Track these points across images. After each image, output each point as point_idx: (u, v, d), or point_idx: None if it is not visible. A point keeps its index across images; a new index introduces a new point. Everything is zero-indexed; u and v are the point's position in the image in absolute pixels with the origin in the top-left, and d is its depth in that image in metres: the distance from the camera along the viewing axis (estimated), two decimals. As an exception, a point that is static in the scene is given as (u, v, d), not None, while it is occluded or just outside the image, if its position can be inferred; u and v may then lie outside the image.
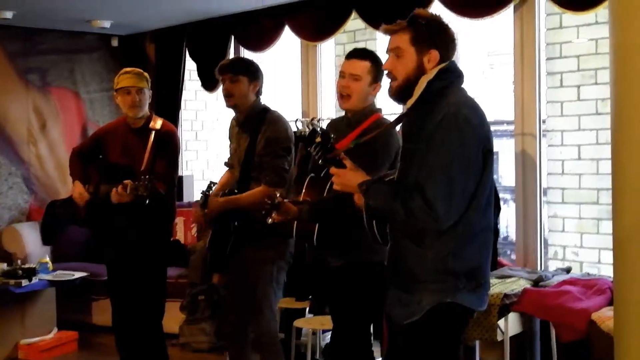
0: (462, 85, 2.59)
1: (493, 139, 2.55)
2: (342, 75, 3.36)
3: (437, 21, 2.59)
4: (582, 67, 4.74)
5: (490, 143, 2.51)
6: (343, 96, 3.35)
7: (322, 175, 3.30)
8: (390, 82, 2.62)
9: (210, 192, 3.88)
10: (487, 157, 2.48)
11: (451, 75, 2.55)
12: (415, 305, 2.50)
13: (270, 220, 3.39)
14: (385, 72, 2.63)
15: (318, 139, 2.64)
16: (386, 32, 2.63)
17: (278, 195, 3.37)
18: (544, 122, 4.83)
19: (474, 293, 2.52)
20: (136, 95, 4.15)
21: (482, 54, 11.03)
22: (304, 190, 3.40)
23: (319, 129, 2.91)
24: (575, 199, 4.78)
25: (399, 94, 2.59)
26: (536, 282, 4.20)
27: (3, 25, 6.32)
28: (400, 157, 2.64)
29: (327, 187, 3.27)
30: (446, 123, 2.41)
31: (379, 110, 3.45)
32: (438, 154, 2.40)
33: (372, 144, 2.85)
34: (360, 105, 3.34)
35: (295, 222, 3.41)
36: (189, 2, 5.80)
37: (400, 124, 2.70)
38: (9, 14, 5.95)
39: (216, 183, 3.96)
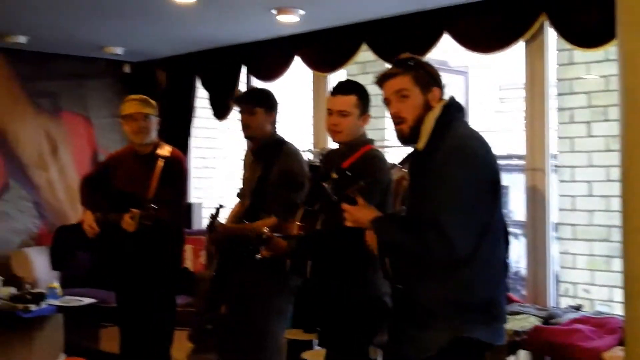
0: (465, 119, 2.64)
1: (500, 171, 2.58)
2: (329, 112, 3.38)
3: (424, 62, 2.68)
4: (592, 104, 4.77)
5: (497, 174, 2.54)
6: (333, 132, 3.38)
7: (315, 207, 3.32)
8: (398, 126, 2.63)
9: (218, 214, 3.88)
10: (495, 188, 2.51)
11: (454, 110, 2.60)
12: (429, 340, 2.50)
13: (259, 256, 3.40)
14: (393, 117, 2.65)
15: (334, 175, 2.67)
16: (384, 78, 2.66)
17: (266, 230, 3.37)
18: (555, 157, 4.83)
19: (490, 327, 2.52)
20: (142, 121, 4.17)
21: (493, 87, 11.03)
22: (297, 222, 3.40)
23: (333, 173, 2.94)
24: (587, 235, 4.77)
25: (410, 136, 2.62)
26: (546, 320, 4.18)
27: (17, 49, 6.38)
28: (410, 193, 2.65)
29: (320, 220, 3.29)
30: (454, 156, 2.45)
31: (370, 141, 3.45)
32: (448, 186, 2.42)
33: (372, 181, 2.91)
34: (351, 137, 3.36)
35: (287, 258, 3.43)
36: (200, 32, 5.85)
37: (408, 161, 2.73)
38: (23, 39, 6.01)
39: (224, 206, 3.96)
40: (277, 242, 3.37)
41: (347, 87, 3.39)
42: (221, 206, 3.92)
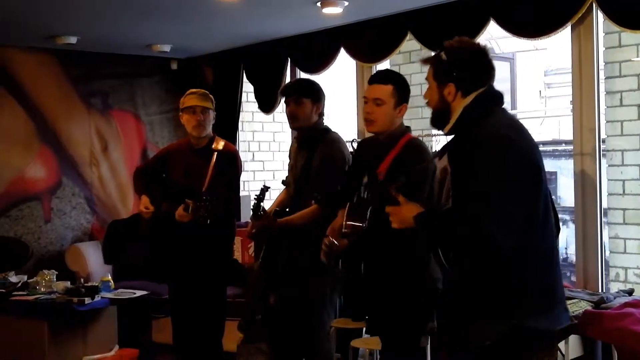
0: (503, 107, 2.60)
1: (542, 159, 2.54)
2: (365, 100, 3.37)
3: (461, 52, 2.61)
4: (642, 86, 4.69)
5: (538, 160, 2.50)
6: (367, 121, 3.37)
7: (357, 200, 3.30)
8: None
9: (264, 197, 3.87)
10: (537, 174, 2.47)
11: (488, 100, 2.58)
12: (484, 330, 2.48)
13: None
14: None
15: (365, 179, 2.68)
16: (423, 64, 2.71)
17: (331, 239, 3.39)
18: (603, 141, 4.76)
19: (548, 314, 2.49)
20: (201, 114, 4.23)
21: (539, 72, 10.92)
22: (345, 219, 3.35)
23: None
24: (637, 219, 4.69)
25: (432, 121, 2.69)
26: (597, 304, 4.12)
27: (67, 50, 6.52)
28: (452, 185, 2.63)
29: (368, 212, 3.26)
30: (487, 145, 2.42)
31: (408, 129, 3.44)
32: (485, 179, 2.39)
33: (418, 176, 2.91)
34: (387, 128, 3.35)
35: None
36: (245, 27, 5.90)
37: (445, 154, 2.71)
38: (73, 39, 6.14)
39: (269, 188, 3.95)
40: (338, 247, 3.39)
41: (384, 76, 3.40)
42: (266, 187, 3.90)
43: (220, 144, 4.28)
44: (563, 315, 2.56)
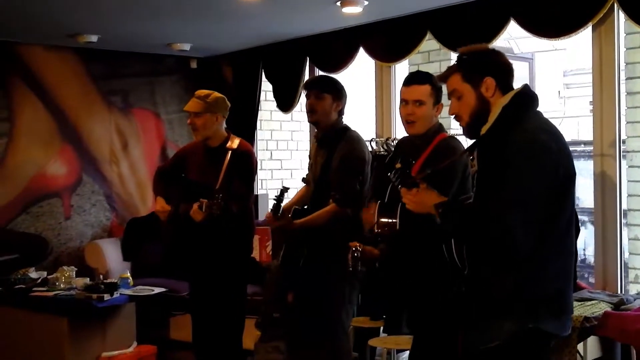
0: (538, 109, 2.57)
1: (574, 163, 2.53)
2: (404, 102, 3.38)
3: (482, 51, 2.61)
4: (663, 87, 4.65)
5: (571, 168, 2.48)
6: (409, 122, 3.38)
7: (387, 200, 3.30)
8: (460, 124, 2.64)
9: (283, 198, 3.88)
10: (568, 182, 2.46)
11: (526, 99, 2.55)
12: (495, 330, 2.48)
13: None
14: (452, 116, 2.65)
15: (398, 165, 2.67)
16: (440, 80, 2.68)
17: (358, 246, 3.39)
18: (623, 142, 4.73)
19: (557, 318, 2.49)
20: (194, 119, 4.25)
21: (558, 73, 10.87)
22: (376, 218, 3.33)
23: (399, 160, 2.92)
24: (657, 221, 4.67)
25: (470, 132, 2.64)
26: (617, 306, 4.11)
27: (88, 48, 6.57)
28: (477, 183, 2.62)
29: (399, 211, 3.26)
30: (523, 150, 2.40)
31: (442, 128, 3.46)
32: (515, 182, 2.38)
33: (445, 170, 2.91)
34: (426, 128, 3.37)
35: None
36: (265, 26, 5.92)
37: (475, 150, 2.70)
38: (94, 38, 6.18)
39: (288, 188, 3.97)
40: (370, 254, 3.40)
41: (422, 77, 3.41)
42: (285, 188, 3.92)
43: (235, 143, 4.30)
44: (569, 322, 2.57)
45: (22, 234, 6.40)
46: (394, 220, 3.23)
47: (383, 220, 3.28)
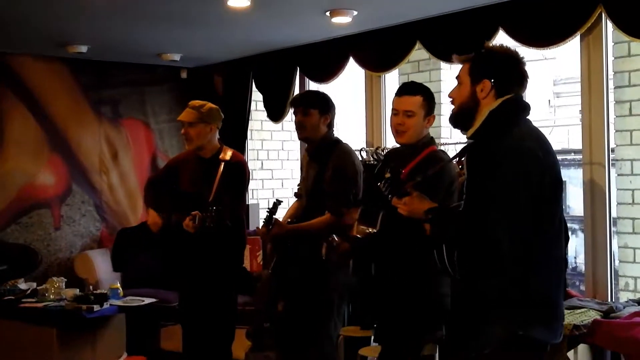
0: (528, 117, 2.58)
1: (561, 170, 2.55)
2: (395, 112, 3.40)
3: (500, 54, 2.61)
4: (651, 96, 4.68)
5: (558, 174, 2.50)
6: (398, 132, 3.40)
7: (372, 207, 3.34)
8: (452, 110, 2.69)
9: (276, 211, 3.91)
10: (555, 189, 2.47)
11: (515, 107, 2.55)
12: (485, 337, 2.48)
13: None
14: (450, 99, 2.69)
15: (387, 175, 2.69)
16: (459, 61, 2.69)
17: (335, 237, 3.42)
18: (612, 151, 4.76)
19: (548, 326, 2.49)
20: (187, 129, 4.25)
21: (548, 82, 10.91)
22: (355, 223, 3.42)
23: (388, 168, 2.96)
24: (647, 229, 4.69)
25: (454, 120, 2.68)
26: (607, 314, 4.11)
27: (78, 58, 6.57)
28: (465, 189, 2.64)
29: (379, 219, 3.29)
30: (509, 157, 2.40)
31: (433, 141, 3.48)
32: (501, 188, 2.38)
33: (433, 177, 2.94)
34: (417, 139, 3.39)
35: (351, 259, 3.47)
36: (255, 36, 5.93)
37: (464, 156, 2.71)
38: (84, 48, 6.19)
39: (281, 201, 3.99)
40: (345, 247, 3.42)
41: (414, 88, 3.42)
42: (279, 201, 3.95)
43: (227, 154, 4.29)
44: (560, 330, 2.56)
45: (11, 245, 6.36)
46: (373, 230, 3.28)
47: (362, 227, 3.35)
